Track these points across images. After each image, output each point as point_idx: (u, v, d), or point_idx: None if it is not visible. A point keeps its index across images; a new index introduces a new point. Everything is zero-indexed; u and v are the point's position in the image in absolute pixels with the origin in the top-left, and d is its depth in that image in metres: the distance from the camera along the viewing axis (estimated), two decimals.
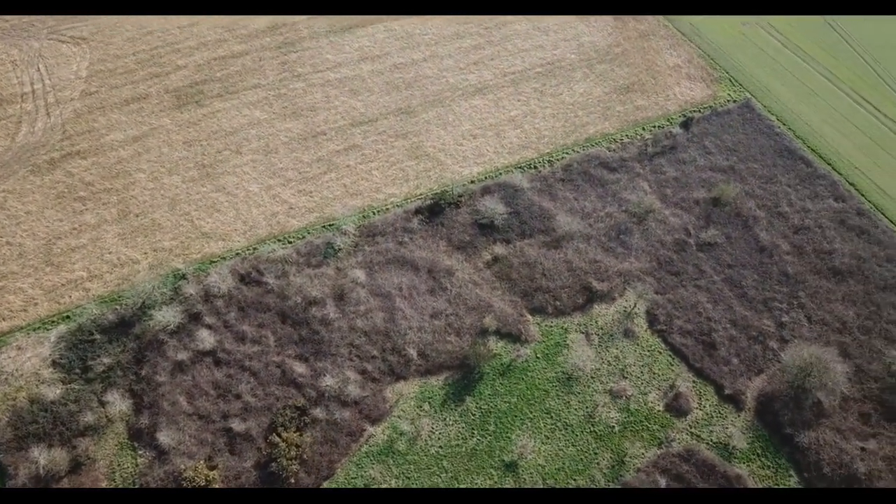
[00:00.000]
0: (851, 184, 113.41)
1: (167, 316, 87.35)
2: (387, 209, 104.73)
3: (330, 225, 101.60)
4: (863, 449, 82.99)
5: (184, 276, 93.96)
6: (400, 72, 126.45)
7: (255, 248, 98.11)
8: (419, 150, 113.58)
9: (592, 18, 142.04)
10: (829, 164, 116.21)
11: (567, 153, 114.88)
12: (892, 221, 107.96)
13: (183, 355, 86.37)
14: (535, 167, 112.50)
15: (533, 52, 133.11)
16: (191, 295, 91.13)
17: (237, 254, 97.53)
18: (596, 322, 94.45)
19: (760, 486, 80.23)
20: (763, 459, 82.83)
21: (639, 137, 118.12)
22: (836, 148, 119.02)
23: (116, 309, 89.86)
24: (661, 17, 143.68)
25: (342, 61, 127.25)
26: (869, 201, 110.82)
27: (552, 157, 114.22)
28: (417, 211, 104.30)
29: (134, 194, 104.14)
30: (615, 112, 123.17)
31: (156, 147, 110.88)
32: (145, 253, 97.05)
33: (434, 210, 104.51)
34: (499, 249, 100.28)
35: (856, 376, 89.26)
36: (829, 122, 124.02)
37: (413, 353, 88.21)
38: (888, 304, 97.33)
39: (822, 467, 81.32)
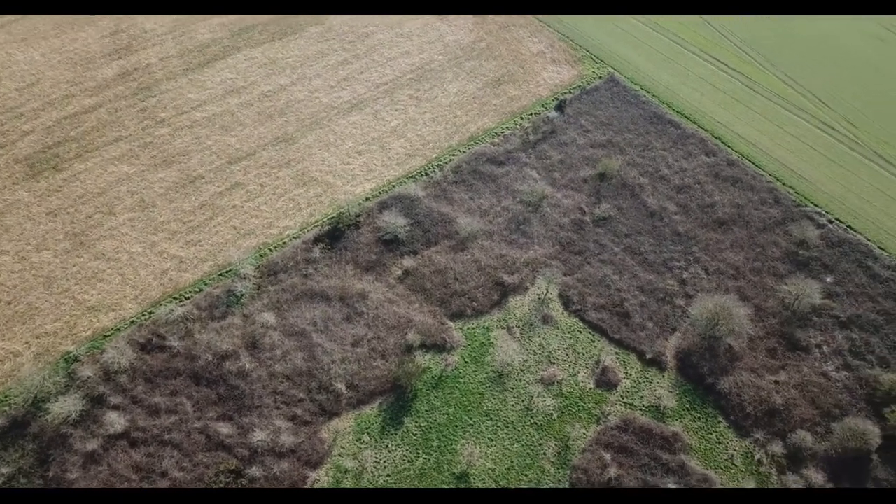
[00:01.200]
0: (717, 138, 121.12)
1: (66, 406, 79.79)
2: (284, 243, 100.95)
3: (227, 271, 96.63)
4: (776, 382, 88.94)
5: (76, 359, 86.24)
6: (270, 100, 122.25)
7: (150, 313, 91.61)
8: (306, 177, 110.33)
9: (452, 17, 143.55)
10: (695, 123, 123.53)
11: (454, 155, 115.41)
12: (757, 166, 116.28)
13: (93, 444, 79.20)
14: (427, 174, 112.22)
15: (400, 60, 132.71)
16: (88, 377, 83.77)
17: (132, 322, 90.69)
18: (515, 315, 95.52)
19: (695, 438, 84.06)
20: (693, 413, 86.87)
21: (519, 127, 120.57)
22: (698, 107, 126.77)
23: (5, 411, 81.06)
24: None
25: (206, 98, 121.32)
26: (735, 151, 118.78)
27: (440, 160, 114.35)
28: (317, 239, 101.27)
29: (0, 280, 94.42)
30: (492, 106, 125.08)
31: (16, 224, 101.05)
32: (27, 342, 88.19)
33: (334, 235, 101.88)
34: (407, 262, 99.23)
35: (757, 316, 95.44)
36: (686, 83, 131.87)
37: (341, 386, 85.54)
38: (770, 243, 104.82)
39: (745, 407, 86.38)
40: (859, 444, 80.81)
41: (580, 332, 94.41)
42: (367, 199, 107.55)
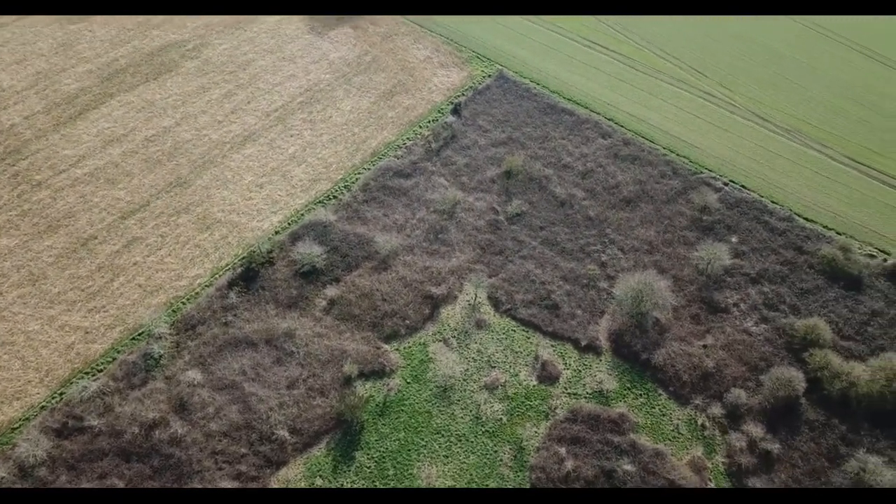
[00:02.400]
0: (610, 119, 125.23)
1: None
2: (197, 294, 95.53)
3: (140, 334, 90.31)
4: (704, 346, 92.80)
5: None
6: (155, 144, 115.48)
7: (61, 394, 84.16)
8: (208, 220, 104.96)
9: (333, 34, 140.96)
10: (586, 108, 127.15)
11: (359, 173, 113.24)
12: (651, 142, 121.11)
13: None
14: (335, 197, 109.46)
15: (287, 84, 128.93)
16: (2, 478, 75.90)
17: (42, 407, 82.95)
18: (448, 325, 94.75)
19: (640, 416, 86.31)
20: (634, 390, 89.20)
21: (419, 137, 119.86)
22: (587, 91, 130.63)
23: None
24: (396, 16, 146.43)
25: (84, 152, 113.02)
26: (629, 130, 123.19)
27: (347, 181, 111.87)
28: (231, 283, 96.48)
29: None
30: (388, 119, 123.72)
31: None
32: None
33: (248, 276, 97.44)
34: (331, 291, 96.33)
35: (676, 286, 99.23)
36: (572, 70, 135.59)
37: (284, 433, 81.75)
38: (675, 213, 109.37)
39: (681, 376, 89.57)
40: (788, 392, 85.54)
41: (514, 331, 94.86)
42: (277, 232, 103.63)
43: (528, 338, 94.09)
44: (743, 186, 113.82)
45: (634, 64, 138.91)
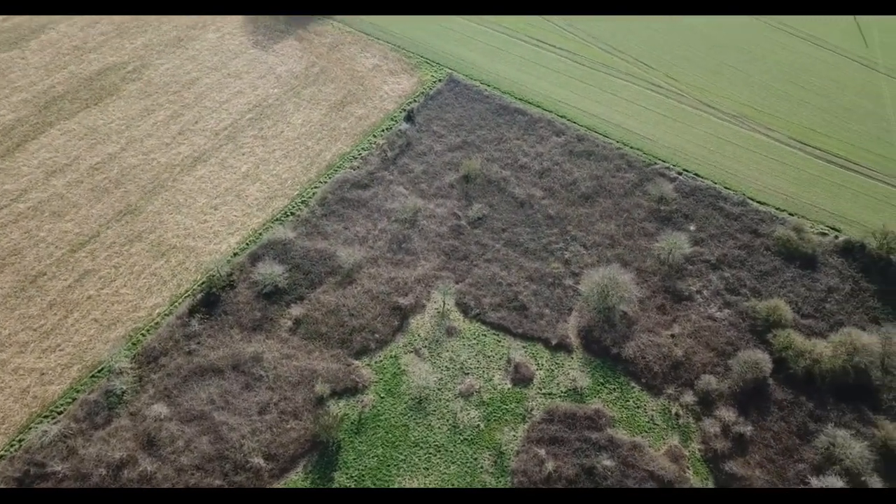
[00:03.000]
0: (562, 116, 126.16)
1: None
2: (157, 324, 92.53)
3: (99, 371, 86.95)
4: (672, 336, 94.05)
5: None
6: (101, 172, 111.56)
7: (20, 441, 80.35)
8: (163, 246, 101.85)
9: (278, 47, 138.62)
10: (538, 107, 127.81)
11: (316, 187, 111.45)
12: (605, 136, 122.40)
13: None
14: (293, 213, 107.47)
15: (235, 101, 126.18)
16: None
17: (0, 457, 79.14)
18: (419, 335, 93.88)
19: (615, 410, 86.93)
20: (607, 385, 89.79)
21: (374, 146, 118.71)
22: (538, 90, 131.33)
23: None
24: (342, 25, 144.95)
25: (26, 186, 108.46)
26: (581, 126, 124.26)
27: (304, 196, 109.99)
28: (192, 310, 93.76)
29: None
30: (341, 130, 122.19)
31: None
32: None
33: (209, 301, 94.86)
34: (296, 311, 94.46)
35: (640, 278, 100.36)
36: (522, 70, 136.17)
37: (258, 460, 79.62)
38: (633, 206, 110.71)
39: (652, 367, 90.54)
40: (756, 374, 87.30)
41: (485, 335, 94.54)
42: (236, 254, 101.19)
43: (499, 341, 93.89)
44: (696, 174, 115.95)
45: (582, 60, 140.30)
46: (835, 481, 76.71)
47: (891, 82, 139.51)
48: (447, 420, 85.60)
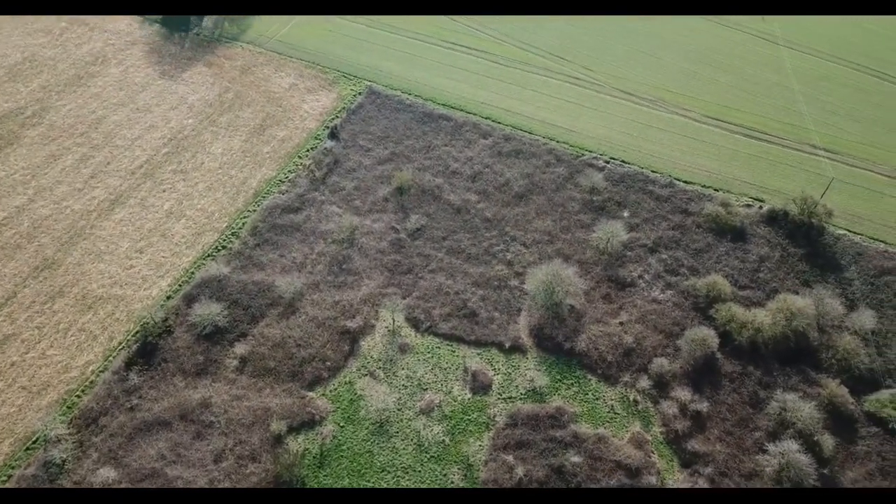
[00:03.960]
0: (487, 118, 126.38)
1: None
2: (92, 382, 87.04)
3: (34, 442, 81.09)
4: (621, 323, 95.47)
5: None
6: (10, 227, 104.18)
7: None
8: (88, 299, 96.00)
9: (186, 76, 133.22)
10: (461, 110, 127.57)
11: (245, 217, 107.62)
12: (531, 133, 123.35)
13: None
14: (224, 247, 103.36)
15: (148, 137, 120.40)
16: None
17: None
18: (371, 357, 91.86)
19: (576, 405, 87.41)
20: (564, 381, 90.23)
21: (301, 167, 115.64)
22: (459, 93, 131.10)
23: None
24: (251, 46, 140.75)
25: None
26: (507, 125, 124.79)
27: (233, 228, 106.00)
28: (129, 363, 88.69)
29: None
30: (265, 155, 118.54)
31: None
32: None
33: (147, 350, 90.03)
34: (240, 349, 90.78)
35: (582, 270, 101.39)
36: (441, 75, 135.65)
37: None
38: (567, 199, 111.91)
39: (606, 357, 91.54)
40: (704, 350, 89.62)
41: (439, 347, 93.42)
42: (170, 297, 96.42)
43: (454, 351, 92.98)
44: (623, 161, 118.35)
45: (498, 59, 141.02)
46: (790, 445, 79.41)
47: (791, 53, 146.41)
48: (411, 440, 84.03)
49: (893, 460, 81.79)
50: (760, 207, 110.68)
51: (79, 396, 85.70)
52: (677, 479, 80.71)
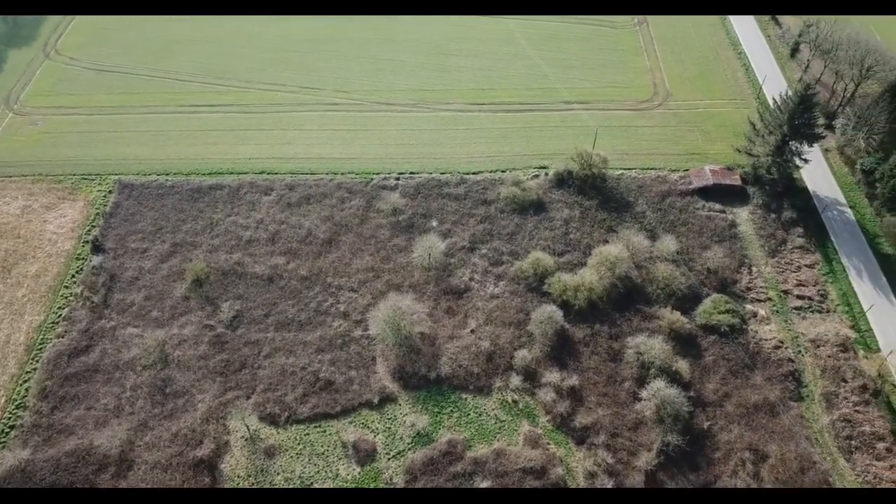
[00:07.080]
0: (261, 172, 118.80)
1: None
2: None
3: None
4: (472, 331, 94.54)
5: None
6: None
7: None
8: None
9: None
10: (232, 174, 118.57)
11: (26, 381, 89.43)
12: (311, 174, 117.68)
13: None
14: (13, 426, 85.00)
15: None
16: None
17: None
18: (239, 476, 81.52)
19: (464, 431, 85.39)
20: (444, 411, 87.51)
21: (73, 298, 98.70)
22: (220, 155, 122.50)
23: None
24: None
25: None
26: (285, 174, 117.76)
27: (15, 399, 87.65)
28: None
29: None
30: (21, 300, 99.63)
31: None
32: None
33: None
34: None
35: (417, 293, 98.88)
36: (194, 143, 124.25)
37: None
38: (375, 228, 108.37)
39: (471, 370, 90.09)
40: (553, 327, 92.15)
41: (307, 433, 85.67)
42: None
43: (324, 431, 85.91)
44: (412, 173, 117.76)
45: (249, 108, 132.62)
46: (658, 383, 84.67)
47: (517, 23, 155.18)
48: None
49: (736, 359, 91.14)
50: (547, 174, 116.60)
51: None
52: (578, 458, 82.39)
